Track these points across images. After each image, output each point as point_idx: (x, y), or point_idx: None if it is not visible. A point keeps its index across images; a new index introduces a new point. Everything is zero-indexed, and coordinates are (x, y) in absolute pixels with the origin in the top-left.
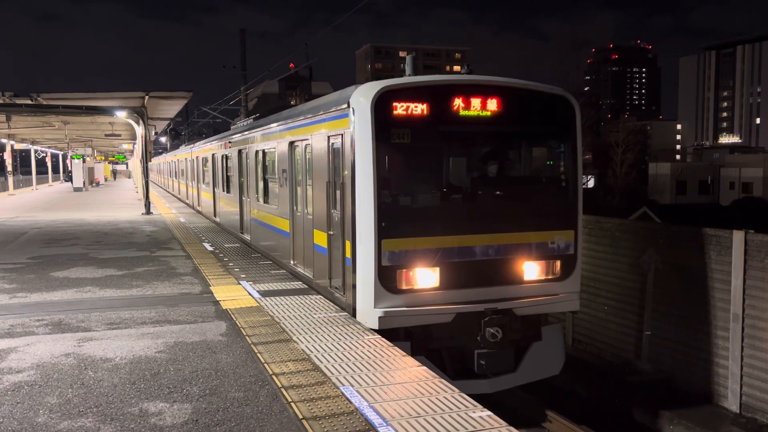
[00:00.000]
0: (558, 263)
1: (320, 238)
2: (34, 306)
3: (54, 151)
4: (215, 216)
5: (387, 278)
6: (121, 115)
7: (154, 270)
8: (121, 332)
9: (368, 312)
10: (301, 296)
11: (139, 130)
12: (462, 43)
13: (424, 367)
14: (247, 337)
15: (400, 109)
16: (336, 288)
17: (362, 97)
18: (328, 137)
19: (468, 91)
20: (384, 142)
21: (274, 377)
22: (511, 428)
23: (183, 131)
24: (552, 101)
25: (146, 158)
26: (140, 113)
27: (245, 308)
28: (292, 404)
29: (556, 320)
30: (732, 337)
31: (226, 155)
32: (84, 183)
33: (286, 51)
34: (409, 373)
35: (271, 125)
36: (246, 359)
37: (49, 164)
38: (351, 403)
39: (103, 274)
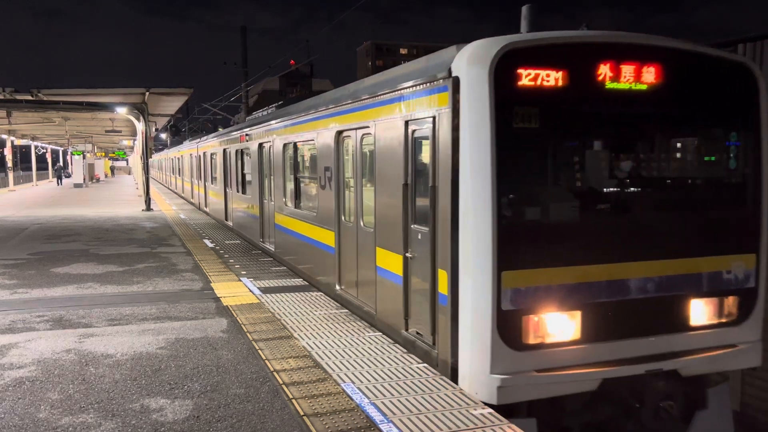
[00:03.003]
0: (734, 300)
1: (389, 261)
2: (34, 302)
3: (54, 147)
4: (227, 219)
5: (508, 328)
6: (122, 111)
7: (155, 266)
8: (122, 328)
9: (480, 378)
10: (301, 293)
11: (140, 126)
12: (464, 40)
13: (425, 364)
14: (248, 334)
15: (526, 78)
16: (418, 334)
17: (474, 60)
18: (406, 123)
19: (618, 54)
20: (506, 127)
21: (275, 374)
22: (512, 425)
23: (183, 128)
24: (730, 72)
25: (147, 155)
26: (141, 109)
27: (246, 305)
28: (293, 401)
29: (721, 378)
30: None
31: (241, 150)
32: (84, 179)
33: (287, 48)
34: (411, 371)
35: (308, 112)
36: (247, 356)
37: (49, 160)
38: (352, 399)
39: (103, 271)
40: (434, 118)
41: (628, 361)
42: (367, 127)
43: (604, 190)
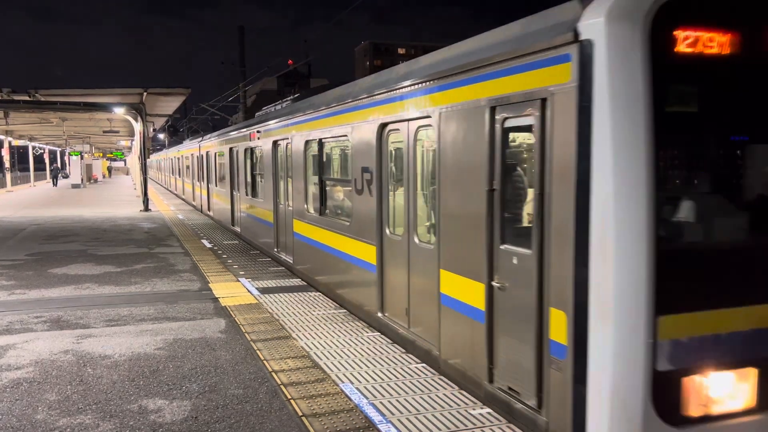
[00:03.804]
0: None
1: (462, 289)
2: (32, 303)
3: (52, 147)
4: (233, 224)
5: (665, 396)
6: (120, 111)
7: (153, 267)
8: (120, 329)
9: None
10: (300, 293)
11: (138, 126)
12: (462, 39)
13: (422, 364)
14: (246, 334)
15: (684, 43)
16: (512, 391)
17: (620, 14)
18: (493, 108)
19: None
20: (661, 112)
21: (273, 374)
22: (512, 425)
23: (182, 128)
24: None
25: (144, 155)
26: (138, 110)
27: (244, 305)
28: (292, 401)
29: None
30: None
31: (251, 149)
32: (82, 180)
33: (285, 47)
34: (410, 370)
35: (339, 103)
36: (245, 356)
37: (47, 161)
38: (350, 400)
39: (101, 271)
40: (544, 100)
41: None
42: (427, 117)
43: None
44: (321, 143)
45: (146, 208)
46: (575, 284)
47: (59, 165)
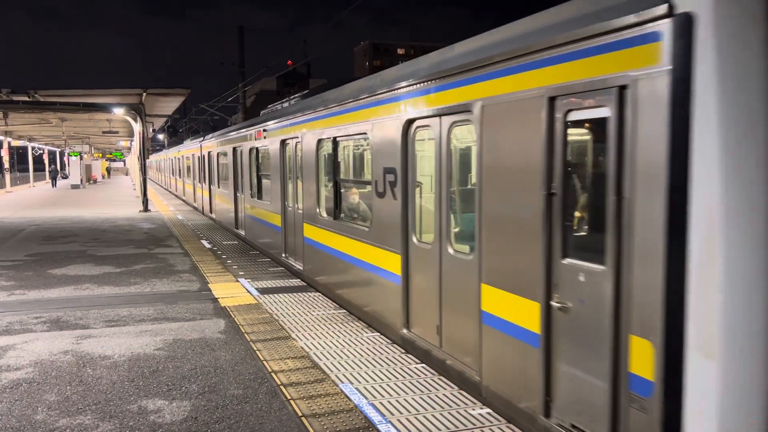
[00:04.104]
0: None
1: (510, 308)
2: (32, 303)
3: (51, 148)
4: (237, 227)
5: None
6: (119, 112)
7: (153, 267)
8: (120, 330)
9: None
10: (299, 293)
11: (137, 127)
12: (462, 39)
13: (422, 364)
14: (246, 335)
15: None
16: (576, 430)
17: None
18: (551, 100)
19: None
20: None
21: (273, 374)
22: (511, 425)
23: (181, 128)
24: None
25: (144, 155)
26: (138, 110)
27: (244, 305)
28: (292, 402)
29: None
30: None
31: (256, 149)
32: (81, 180)
33: (284, 48)
34: (409, 370)
35: (357, 98)
36: (245, 356)
37: (46, 161)
38: (350, 400)
39: (101, 272)
40: (622, 88)
41: None
42: (466, 111)
43: None
44: (335, 142)
45: (146, 209)
46: (666, 309)
47: (58, 166)
